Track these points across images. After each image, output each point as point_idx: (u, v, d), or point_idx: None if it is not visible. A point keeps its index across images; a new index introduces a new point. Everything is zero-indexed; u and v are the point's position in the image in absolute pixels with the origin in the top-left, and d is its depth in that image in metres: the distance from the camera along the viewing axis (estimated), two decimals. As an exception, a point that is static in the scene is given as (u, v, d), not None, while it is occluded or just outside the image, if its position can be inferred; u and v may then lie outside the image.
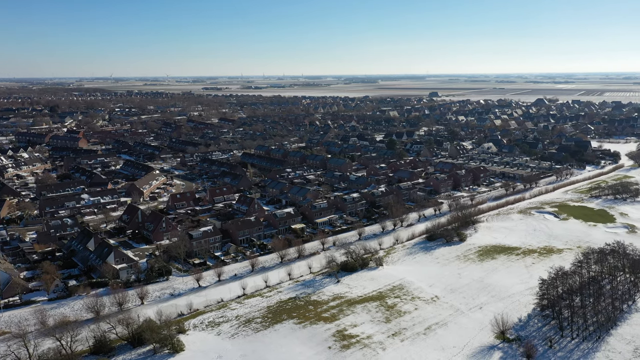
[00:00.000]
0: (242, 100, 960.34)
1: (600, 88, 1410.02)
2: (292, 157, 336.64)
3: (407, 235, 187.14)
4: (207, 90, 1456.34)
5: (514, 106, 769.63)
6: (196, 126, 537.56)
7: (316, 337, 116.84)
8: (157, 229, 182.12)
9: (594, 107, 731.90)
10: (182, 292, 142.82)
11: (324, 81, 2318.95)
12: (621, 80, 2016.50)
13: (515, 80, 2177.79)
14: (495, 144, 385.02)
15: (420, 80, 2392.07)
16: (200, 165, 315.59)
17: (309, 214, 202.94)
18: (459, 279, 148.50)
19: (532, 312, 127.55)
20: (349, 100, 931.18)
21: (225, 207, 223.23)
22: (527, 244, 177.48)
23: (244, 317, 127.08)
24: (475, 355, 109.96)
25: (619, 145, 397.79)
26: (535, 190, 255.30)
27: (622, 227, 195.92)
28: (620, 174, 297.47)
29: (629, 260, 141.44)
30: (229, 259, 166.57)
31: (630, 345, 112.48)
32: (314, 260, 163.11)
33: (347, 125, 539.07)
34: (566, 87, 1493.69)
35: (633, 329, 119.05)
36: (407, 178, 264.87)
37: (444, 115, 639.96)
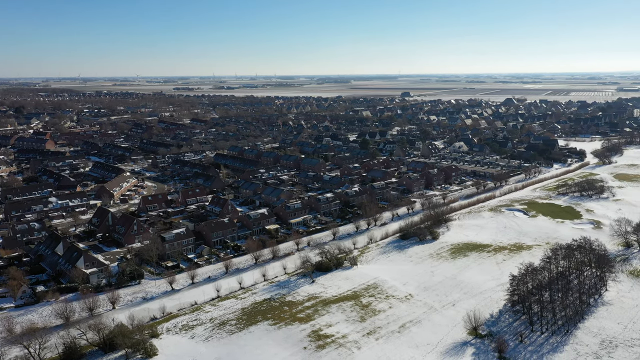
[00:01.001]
0: (214, 101, 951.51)
1: (566, 88, 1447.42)
2: (266, 157, 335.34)
3: (380, 235, 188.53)
4: (178, 90, 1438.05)
5: (484, 106, 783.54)
6: (168, 127, 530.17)
7: (291, 337, 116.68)
8: (128, 231, 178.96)
9: (560, 107, 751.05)
10: (155, 295, 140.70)
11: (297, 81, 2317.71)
12: (586, 81, 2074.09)
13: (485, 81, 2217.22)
14: (466, 143, 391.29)
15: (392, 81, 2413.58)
16: (172, 167, 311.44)
17: (283, 215, 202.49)
18: (432, 276, 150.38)
19: (503, 307, 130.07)
20: (322, 101, 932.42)
21: (198, 208, 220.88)
22: (497, 241, 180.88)
23: (218, 319, 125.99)
24: (448, 351, 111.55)
25: (584, 144, 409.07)
26: (505, 189, 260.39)
27: (588, 223, 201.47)
28: (586, 171, 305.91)
29: (595, 255, 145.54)
30: (203, 261, 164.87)
31: (597, 338, 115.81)
32: (289, 260, 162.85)
33: (320, 125, 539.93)
34: (534, 87, 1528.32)
35: (599, 322, 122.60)
36: (380, 177, 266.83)
37: (416, 115, 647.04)
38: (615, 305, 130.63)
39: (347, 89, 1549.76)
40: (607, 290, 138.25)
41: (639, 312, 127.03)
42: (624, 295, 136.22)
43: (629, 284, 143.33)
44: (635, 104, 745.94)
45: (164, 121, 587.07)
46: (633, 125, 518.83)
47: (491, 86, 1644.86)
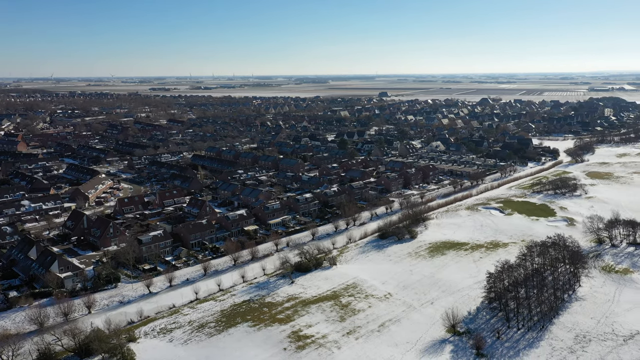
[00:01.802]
0: (191, 101, 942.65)
1: (539, 88, 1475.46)
2: (244, 158, 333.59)
3: (359, 234, 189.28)
4: (154, 90, 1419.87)
5: (460, 105, 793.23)
6: (144, 128, 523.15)
7: (271, 339, 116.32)
8: (104, 234, 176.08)
9: (534, 106, 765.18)
10: (132, 299, 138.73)
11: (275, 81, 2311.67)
12: (559, 81, 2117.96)
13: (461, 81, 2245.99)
14: (443, 143, 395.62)
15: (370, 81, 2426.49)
16: (148, 168, 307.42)
17: (261, 216, 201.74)
18: (410, 275, 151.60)
19: (480, 305, 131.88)
20: (300, 101, 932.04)
21: (175, 210, 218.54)
22: (474, 239, 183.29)
23: (197, 322, 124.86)
24: (427, 349, 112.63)
25: (557, 143, 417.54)
26: (482, 187, 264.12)
27: (562, 220, 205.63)
28: (559, 169, 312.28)
29: (569, 252, 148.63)
30: (181, 263, 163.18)
31: (571, 332, 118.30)
32: (268, 261, 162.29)
33: (298, 125, 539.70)
34: (509, 87, 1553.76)
35: (573, 317, 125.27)
36: (358, 177, 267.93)
37: (393, 115, 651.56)
38: (589, 301, 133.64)
39: (325, 89, 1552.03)
40: (581, 286, 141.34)
41: (611, 307, 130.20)
42: (596, 291, 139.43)
43: (601, 279, 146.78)
44: (605, 104, 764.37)
45: (140, 122, 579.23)
46: (604, 124, 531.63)
47: (467, 86, 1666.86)
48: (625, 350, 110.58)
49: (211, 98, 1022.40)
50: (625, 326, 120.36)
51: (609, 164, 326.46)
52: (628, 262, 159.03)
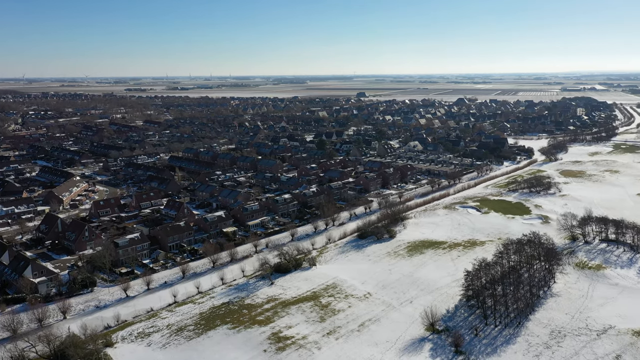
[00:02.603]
0: (168, 102, 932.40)
1: (514, 88, 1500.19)
2: (222, 159, 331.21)
3: (339, 234, 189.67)
4: (130, 91, 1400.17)
5: (437, 106, 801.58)
6: (119, 129, 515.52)
7: (251, 341, 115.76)
8: (79, 238, 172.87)
9: (509, 106, 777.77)
10: (109, 303, 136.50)
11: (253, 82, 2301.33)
12: (532, 81, 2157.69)
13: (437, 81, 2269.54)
14: (420, 143, 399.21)
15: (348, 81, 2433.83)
16: (124, 170, 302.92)
17: (240, 217, 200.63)
18: (389, 274, 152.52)
19: (458, 303, 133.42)
20: (279, 101, 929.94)
21: (153, 212, 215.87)
22: (452, 238, 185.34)
23: (175, 325, 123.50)
24: (407, 348, 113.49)
25: (532, 142, 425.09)
26: (459, 186, 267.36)
27: (537, 218, 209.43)
28: (534, 168, 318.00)
29: (544, 249, 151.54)
30: (158, 266, 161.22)
31: (546, 328, 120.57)
32: (247, 263, 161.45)
33: (277, 126, 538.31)
34: (484, 87, 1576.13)
35: (549, 313, 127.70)
36: (337, 177, 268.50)
37: (371, 115, 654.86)
38: (563, 297, 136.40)
39: (303, 89, 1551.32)
40: (555, 283, 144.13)
41: (585, 302, 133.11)
42: (570, 287, 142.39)
43: (575, 275, 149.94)
44: (578, 103, 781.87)
45: (116, 123, 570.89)
46: (576, 123, 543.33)
47: (444, 86, 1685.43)
48: (598, 345, 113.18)
49: (188, 99, 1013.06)
50: (599, 321, 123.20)
51: (582, 163, 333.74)
52: (601, 258, 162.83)
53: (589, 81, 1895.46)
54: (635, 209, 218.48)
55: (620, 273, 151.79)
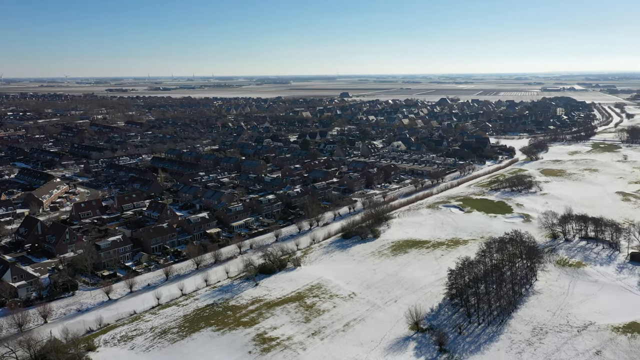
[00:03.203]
0: (150, 102, 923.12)
1: (495, 88, 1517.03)
2: (205, 160, 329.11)
3: (323, 235, 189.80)
4: (111, 92, 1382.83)
5: (420, 106, 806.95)
6: (100, 130, 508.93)
7: (236, 342, 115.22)
8: (59, 241, 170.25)
9: (491, 106, 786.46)
10: (91, 306, 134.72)
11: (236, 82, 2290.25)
12: (513, 81, 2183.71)
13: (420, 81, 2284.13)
14: (404, 143, 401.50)
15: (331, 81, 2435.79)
16: (106, 172, 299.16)
17: (224, 218, 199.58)
18: (374, 274, 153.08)
19: (442, 301, 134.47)
20: (262, 101, 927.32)
21: (135, 214, 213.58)
22: (436, 237, 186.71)
23: (159, 328, 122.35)
24: (391, 347, 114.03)
25: (513, 141, 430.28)
26: (442, 186, 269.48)
27: (518, 217, 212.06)
28: (515, 167, 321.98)
29: (526, 247, 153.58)
30: (141, 268, 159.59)
31: (529, 325, 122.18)
32: (231, 264, 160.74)
33: (260, 126, 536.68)
34: (466, 87, 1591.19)
35: (531, 310, 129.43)
36: (321, 178, 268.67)
37: (355, 115, 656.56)
38: (545, 294, 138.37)
39: (287, 89, 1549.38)
40: (537, 280, 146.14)
41: (565, 299, 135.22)
42: (552, 284, 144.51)
43: (556, 273, 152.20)
44: (557, 103, 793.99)
45: (97, 124, 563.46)
46: (556, 123, 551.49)
47: (426, 86, 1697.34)
48: (579, 341, 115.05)
49: (170, 99, 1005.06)
50: (579, 317, 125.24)
51: (562, 162, 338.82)
52: (581, 256, 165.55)
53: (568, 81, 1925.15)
54: (614, 207, 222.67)
55: (600, 270, 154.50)
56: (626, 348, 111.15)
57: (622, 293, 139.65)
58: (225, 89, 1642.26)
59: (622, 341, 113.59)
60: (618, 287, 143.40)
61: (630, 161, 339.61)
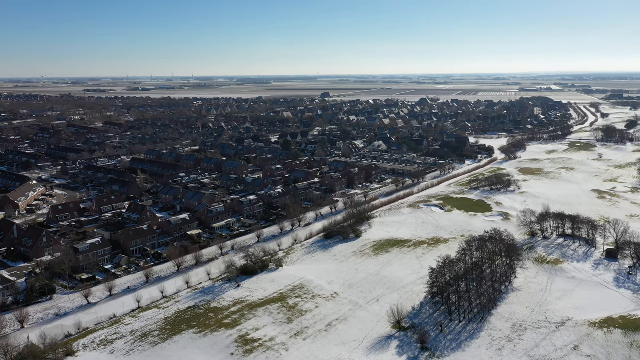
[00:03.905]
0: (128, 103, 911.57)
1: (474, 88, 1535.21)
2: (186, 161, 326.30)
3: (305, 235, 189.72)
4: (89, 92, 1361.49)
5: (400, 106, 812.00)
6: (78, 131, 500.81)
7: (218, 344, 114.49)
8: (36, 244, 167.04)
9: (470, 106, 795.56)
10: (69, 311, 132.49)
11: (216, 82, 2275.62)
12: (492, 81, 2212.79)
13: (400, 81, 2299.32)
14: (384, 142, 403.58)
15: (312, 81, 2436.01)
16: (84, 173, 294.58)
17: (205, 219, 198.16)
18: (356, 274, 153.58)
19: (424, 300, 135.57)
20: (243, 102, 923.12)
21: (114, 216, 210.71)
22: (417, 236, 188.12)
23: (139, 331, 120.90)
24: (374, 346, 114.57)
25: (492, 141, 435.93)
26: (423, 185, 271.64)
27: (498, 215, 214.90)
28: (494, 166, 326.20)
29: (505, 245, 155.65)
30: (121, 271, 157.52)
31: (508, 322, 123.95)
32: (213, 266, 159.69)
33: (241, 127, 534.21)
34: (446, 87, 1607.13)
35: (510, 307, 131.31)
36: (303, 178, 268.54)
37: (336, 115, 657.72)
38: (524, 291, 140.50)
39: (267, 89, 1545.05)
40: (516, 278, 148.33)
41: (544, 296, 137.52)
42: (530, 281, 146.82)
43: (534, 270, 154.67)
44: (535, 103, 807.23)
45: (74, 125, 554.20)
46: (534, 122, 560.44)
47: (407, 86, 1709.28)
48: (557, 337, 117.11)
49: (150, 99, 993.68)
50: (557, 313, 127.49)
51: (539, 160, 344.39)
52: (558, 253, 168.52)
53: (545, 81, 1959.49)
54: (590, 205, 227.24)
55: (577, 267, 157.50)
56: (602, 343, 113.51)
57: (598, 289, 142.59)
58: (205, 89, 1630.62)
59: (598, 336, 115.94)
60: (594, 283, 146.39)
61: (605, 160, 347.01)
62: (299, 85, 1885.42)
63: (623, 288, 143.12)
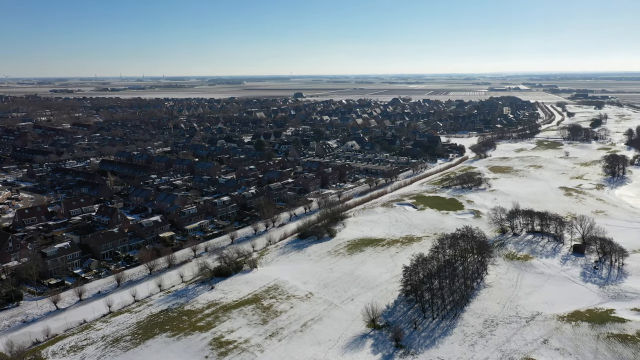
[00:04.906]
0: (97, 104, 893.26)
1: (445, 88, 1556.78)
2: (157, 162, 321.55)
3: (279, 235, 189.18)
4: (56, 92, 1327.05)
5: (373, 105, 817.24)
6: (45, 133, 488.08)
7: (192, 348, 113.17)
8: (1, 249, 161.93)
9: (441, 105, 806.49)
10: (37, 317, 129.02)
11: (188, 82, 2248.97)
12: (462, 81, 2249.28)
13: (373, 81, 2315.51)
14: (358, 142, 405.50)
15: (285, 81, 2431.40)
16: (52, 176, 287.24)
17: (177, 221, 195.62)
18: (331, 273, 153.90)
19: (398, 298, 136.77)
20: (215, 102, 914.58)
21: (84, 219, 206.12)
22: (390, 235, 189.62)
23: (111, 336, 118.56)
24: (349, 345, 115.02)
25: (463, 140, 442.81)
26: (396, 184, 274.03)
27: (469, 213, 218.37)
28: (465, 165, 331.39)
29: (477, 243, 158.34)
30: (91, 275, 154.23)
31: (480, 318, 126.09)
32: (186, 268, 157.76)
33: (214, 127, 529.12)
34: (417, 87, 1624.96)
35: (482, 303, 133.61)
36: (276, 178, 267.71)
37: (309, 115, 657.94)
38: (495, 287, 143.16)
39: (240, 90, 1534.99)
40: (488, 274, 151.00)
41: (514, 292, 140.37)
42: (501, 277, 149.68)
43: (505, 266, 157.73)
44: (504, 102, 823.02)
45: (41, 126, 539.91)
46: (503, 121, 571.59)
47: (379, 87, 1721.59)
48: (527, 331, 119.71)
49: (119, 100, 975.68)
50: (527, 308, 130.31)
51: (509, 159, 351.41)
52: (528, 249, 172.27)
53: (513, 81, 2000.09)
54: (558, 202, 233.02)
55: (546, 262, 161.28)
56: (570, 336, 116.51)
57: (566, 283, 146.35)
58: (176, 89, 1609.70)
59: (566, 329, 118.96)
60: (562, 278, 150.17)
61: (572, 157, 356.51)
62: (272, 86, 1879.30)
63: (589, 282, 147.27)
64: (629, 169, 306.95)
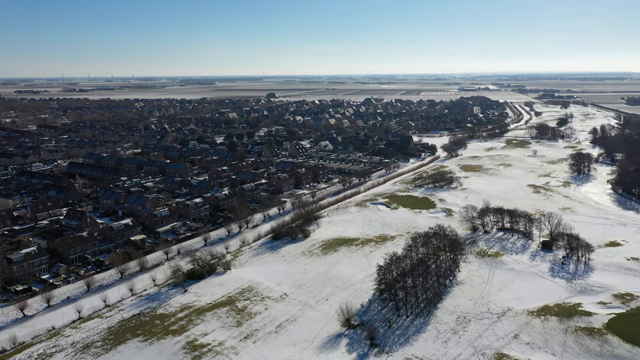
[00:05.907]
0: (65, 105, 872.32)
1: (417, 88, 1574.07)
2: (127, 164, 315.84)
3: (253, 237, 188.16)
4: (20, 93, 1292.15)
5: (345, 106, 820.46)
6: (9, 135, 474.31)
7: (165, 352, 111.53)
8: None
9: (413, 105, 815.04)
10: (3, 325, 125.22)
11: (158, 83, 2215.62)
12: (433, 81, 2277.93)
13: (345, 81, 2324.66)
14: (331, 142, 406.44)
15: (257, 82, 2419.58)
16: (17, 179, 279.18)
17: (149, 224, 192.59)
18: (305, 274, 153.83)
19: (372, 297, 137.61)
20: (186, 103, 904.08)
21: (51, 223, 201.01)
22: (364, 234, 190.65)
23: (81, 343, 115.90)
24: (324, 345, 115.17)
25: (435, 139, 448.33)
26: (369, 184, 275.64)
27: (441, 211, 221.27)
28: (437, 164, 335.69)
29: (449, 240, 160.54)
30: (59, 281, 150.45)
31: (453, 315, 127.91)
32: (158, 271, 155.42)
33: (185, 128, 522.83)
34: (389, 88, 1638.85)
35: (455, 300, 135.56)
36: (249, 179, 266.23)
37: (282, 116, 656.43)
38: (467, 284, 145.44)
39: (212, 90, 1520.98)
40: (460, 271, 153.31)
41: (486, 288, 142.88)
42: (473, 274, 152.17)
43: (477, 264, 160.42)
44: (474, 102, 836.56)
45: (5, 128, 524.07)
46: (473, 121, 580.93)
47: (351, 87, 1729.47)
48: (499, 327, 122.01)
49: (88, 101, 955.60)
50: (498, 304, 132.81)
51: (479, 158, 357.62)
52: (498, 246, 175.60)
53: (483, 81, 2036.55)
54: (527, 199, 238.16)
55: (516, 259, 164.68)
56: (540, 330, 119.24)
57: (535, 279, 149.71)
58: (147, 89, 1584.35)
59: (536, 324, 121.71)
60: (532, 273, 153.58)
61: (540, 156, 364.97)
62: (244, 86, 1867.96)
63: (557, 277, 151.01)
64: (593, 167, 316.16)
